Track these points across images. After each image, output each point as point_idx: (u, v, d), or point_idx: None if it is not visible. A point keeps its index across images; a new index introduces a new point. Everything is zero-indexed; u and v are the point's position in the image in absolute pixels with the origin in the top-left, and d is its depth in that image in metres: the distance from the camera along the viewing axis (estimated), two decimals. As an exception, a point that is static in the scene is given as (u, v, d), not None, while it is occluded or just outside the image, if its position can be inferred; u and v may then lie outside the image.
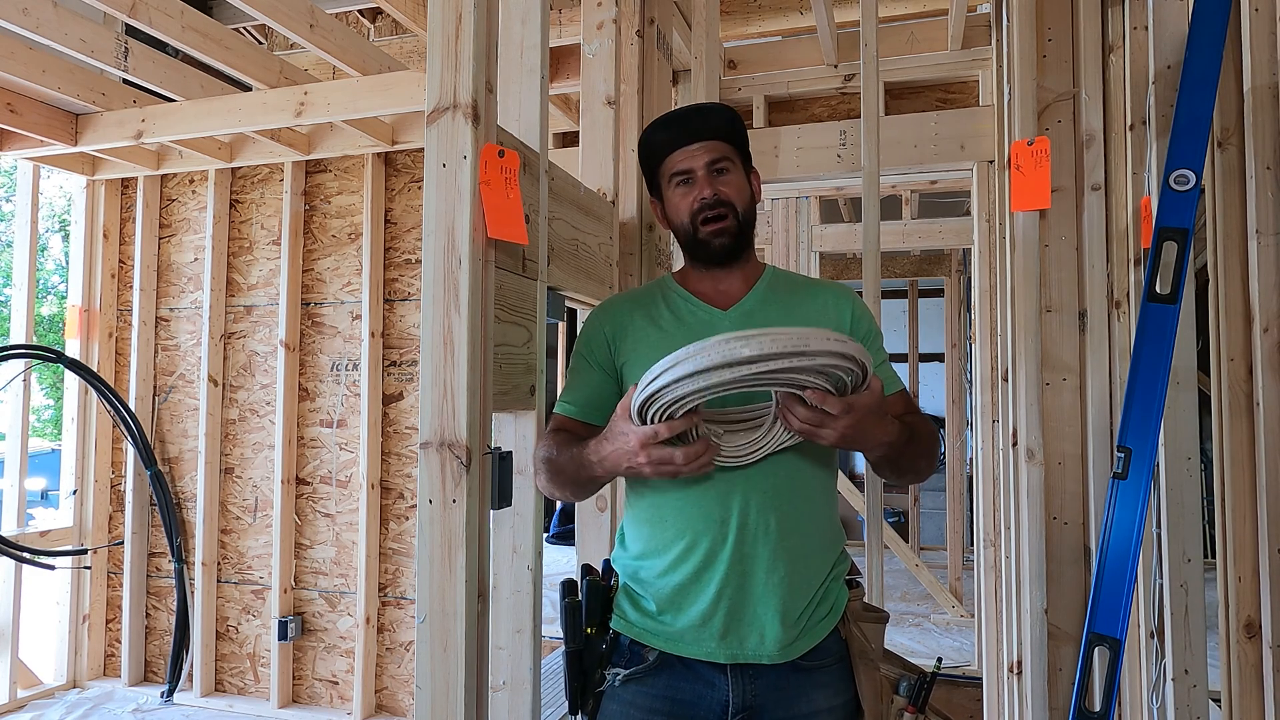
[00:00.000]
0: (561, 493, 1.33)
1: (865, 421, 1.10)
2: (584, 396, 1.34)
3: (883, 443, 1.16)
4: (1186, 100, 1.66)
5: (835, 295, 1.37)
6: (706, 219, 1.31)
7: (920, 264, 5.88)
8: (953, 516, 4.96)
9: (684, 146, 1.32)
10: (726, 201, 1.31)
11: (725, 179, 1.32)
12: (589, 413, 1.33)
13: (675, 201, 1.35)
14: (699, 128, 1.33)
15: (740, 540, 1.23)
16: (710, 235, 1.31)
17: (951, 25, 2.99)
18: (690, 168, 1.32)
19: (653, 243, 2.35)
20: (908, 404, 1.33)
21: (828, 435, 1.11)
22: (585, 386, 1.35)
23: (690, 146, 1.32)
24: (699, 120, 1.34)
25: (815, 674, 1.26)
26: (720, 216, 1.31)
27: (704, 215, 1.31)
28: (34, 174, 3.75)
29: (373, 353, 3.53)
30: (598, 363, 1.35)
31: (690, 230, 1.33)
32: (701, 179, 1.31)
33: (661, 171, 1.36)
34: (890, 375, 1.33)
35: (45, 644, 3.94)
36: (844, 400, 1.08)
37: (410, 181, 3.60)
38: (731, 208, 1.32)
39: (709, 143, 1.32)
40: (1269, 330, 1.53)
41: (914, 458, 1.25)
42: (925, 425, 1.29)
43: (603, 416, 1.26)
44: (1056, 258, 1.99)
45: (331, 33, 2.83)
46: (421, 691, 1.26)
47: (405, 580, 3.50)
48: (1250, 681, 1.55)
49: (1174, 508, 1.71)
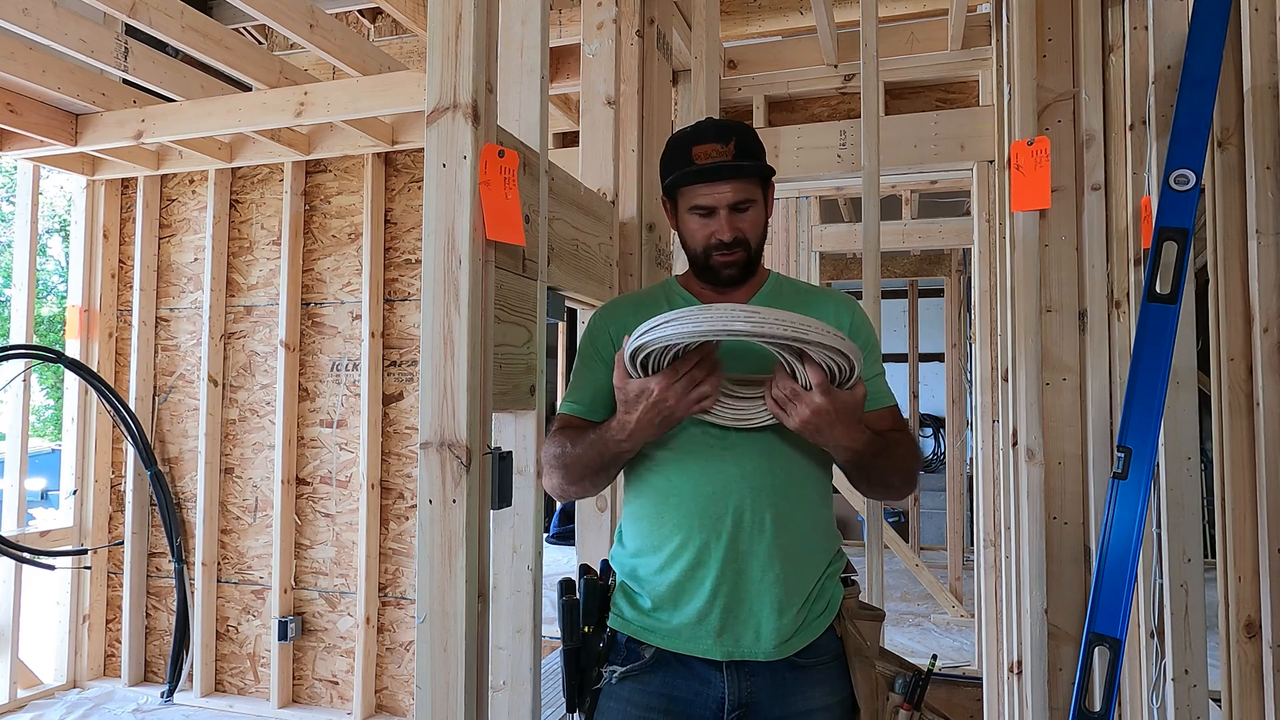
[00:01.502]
0: (578, 486, 1.31)
1: (833, 416, 1.13)
2: (590, 395, 1.34)
3: (847, 446, 1.17)
4: (1186, 100, 1.66)
5: (837, 303, 1.38)
6: (720, 253, 1.32)
7: (920, 264, 5.88)
8: (953, 516, 4.96)
9: (711, 183, 1.30)
10: (743, 240, 1.32)
11: (744, 217, 1.32)
12: (595, 410, 1.32)
13: (692, 228, 1.34)
14: (731, 172, 1.29)
15: (735, 537, 1.23)
16: (721, 265, 1.33)
17: (951, 25, 2.99)
18: (713, 205, 1.30)
19: (653, 243, 2.35)
20: (896, 421, 1.33)
21: (792, 416, 1.14)
22: (592, 384, 1.35)
23: (720, 185, 1.30)
24: (733, 169, 1.29)
25: (811, 671, 1.26)
26: (733, 254, 1.32)
27: (719, 251, 1.31)
28: (34, 174, 3.75)
29: (373, 353, 3.53)
30: (603, 360, 1.35)
31: (702, 258, 1.34)
32: (723, 218, 1.30)
33: (683, 192, 1.34)
34: (883, 390, 1.34)
35: (45, 644, 3.94)
36: (823, 386, 1.11)
37: (410, 181, 3.59)
38: (746, 244, 1.32)
39: (737, 184, 1.30)
40: (1269, 330, 1.53)
41: (885, 471, 1.25)
42: (908, 444, 1.29)
43: (609, 414, 1.26)
44: (1056, 258, 1.99)
45: (331, 33, 2.83)
46: (421, 691, 1.26)
47: (405, 580, 3.50)
48: (1250, 681, 1.55)
49: (1174, 508, 1.71)
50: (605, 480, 1.31)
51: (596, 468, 1.26)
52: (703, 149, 1.31)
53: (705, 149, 1.31)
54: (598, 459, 1.24)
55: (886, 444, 1.23)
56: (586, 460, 1.25)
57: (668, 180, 1.36)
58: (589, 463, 1.25)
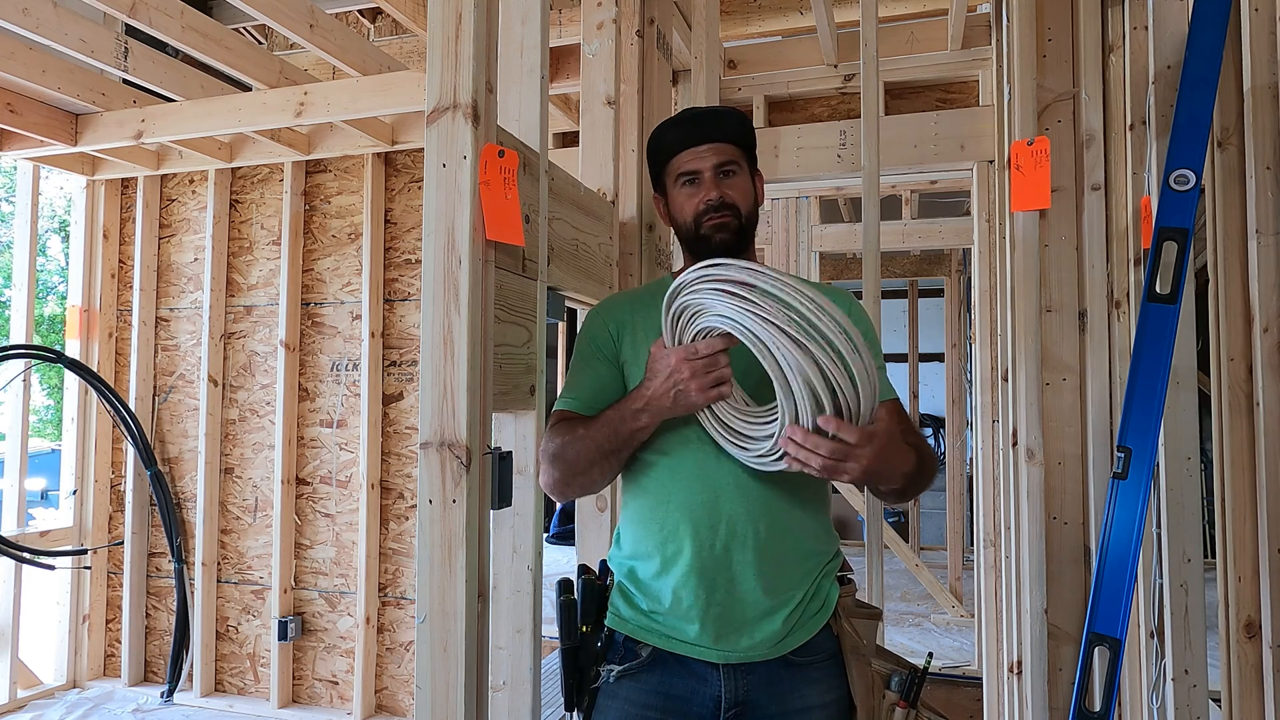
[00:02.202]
0: (582, 477, 1.27)
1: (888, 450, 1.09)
2: (590, 391, 1.33)
3: (903, 473, 1.16)
4: (1186, 100, 1.66)
5: (833, 298, 1.37)
6: (710, 218, 1.32)
7: (920, 264, 5.88)
8: (953, 516, 4.96)
9: (693, 147, 1.33)
10: (731, 204, 1.32)
11: (731, 182, 1.33)
12: (594, 408, 1.30)
13: (680, 201, 1.35)
14: (710, 130, 1.33)
15: (731, 537, 1.23)
16: (712, 229, 1.32)
17: (951, 25, 2.99)
18: (698, 169, 1.33)
19: (653, 243, 2.35)
20: (900, 416, 1.30)
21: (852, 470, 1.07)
22: (591, 380, 1.34)
23: (699, 148, 1.33)
24: (711, 122, 1.34)
25: (807, 670, 1.26)
26: (723, 216, 1.32)
27: (709, 216, 1.32)
28: (34, 174, 3.75)
29: (373, 353, 3.53)
30: (604, 356, 1.35)
31: (693, 228, 1.34)
32: (708, 180, 1.32)
33: (669, 169, 1.37)
34: (887, 384, 1.32)
35: (45, 644, 3.94)
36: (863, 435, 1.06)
37: (410, 181, 3.59)
38: (735, 210, 1.33)
39: (718, 144, 1.33)
40: (1269, 330, 1.53)
41: (921, 481, 1.24)
42: (923, 445, 1.27)
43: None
44: (1056, 258, 1.99)
45: (331, 33, 2.83)
46: (421, 691, 1.26)
47: (405, 580, 3.50)
48: (1250, 681, 1.55)
49: (1174, 508, 1.71)
50: (609, 470, 1.27)
51: (607, 451, 1.23)
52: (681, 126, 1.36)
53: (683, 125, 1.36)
54: (610, 439, 1.22)
55: (917, 453, 1.22)
56: (598, 441, 1.23)
57: (653, 162, 1.39)
58: (600, 444, 1.23)
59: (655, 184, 1.43)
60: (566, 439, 1.26)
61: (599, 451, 1.24)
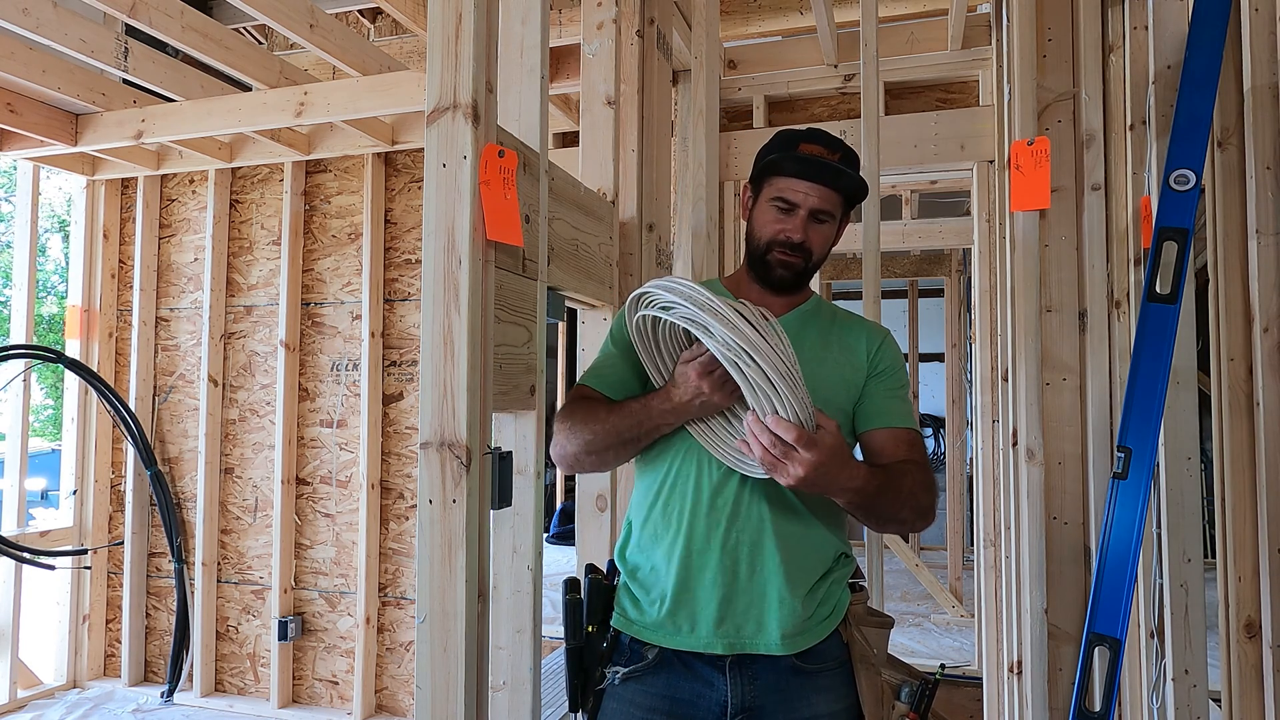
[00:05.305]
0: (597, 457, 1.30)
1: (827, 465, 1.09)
2: (615, 377, 1.36)
3: (848, 488, 1.14)
4: (1186, 100, 1.65)
5: (869, 331, 1.39)
6: (782, 251, 1.33)
7: (920, 264, 5.87)
8: (953, 516, 4.96)
9: (806, 180, 1.31)
10: (807, 250, 1.33)
11: (818, 229, 1.33)
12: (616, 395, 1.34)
13: (766, 217, 1.35)
14: (829, 179, 1.31)
15: (738, 538, 1.23)
16: (777, 263, 1.34)
17: (951, 25, 2.99)
18: (797, 203, 1.32)
19: (653, 243, 2.35)
20: (911, 448, 1.29)
21: (792, 472, 1.10)
22: (620, 370, 1.37)
23: (811, 184, 1.31)
24: (832, 175, 1.31)
25: (816, 677, 1.25)
26: (794, 257, 1.33)
27: (781, 250, 1.32)
28: (34, 174, 3.75)
29: (373, 353, 3.53)
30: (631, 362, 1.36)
31: (762, 250, 1.35)
32: (800, 220, 1.32)
33: (773, 180, 1.35)
34: (899, 411, 1.32)
35: (45, 644, 3.94)
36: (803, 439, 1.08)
37: (410, 181, 3.59)
38: (808, 255, 1.34)
39: (828, 191, 1.31)
40: (1269, 330, 1.53)
41: (891, 506, 1.21)
42: (917, 474, 1.24)
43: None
44: (1056, 258, 1.98)
45: (331, 33, 2.82)
46: (421, 691, 1.26)
47: (405, 580, 3.50)
48: (1250, 681, 1.55)
49: (1174, 508, 1.70)
50: (628, 454, 1.31)
51: (628, 439, 1.26)
52: (810, 147, 1.33)
53: (812, 148, 1.33)
54: (634, 429, 1.25)
55: (888, 477, 1.20)
56: (620, 427, 1.25)
57: (765, 160, 1.36)
58: (623, 431, 1.25)
59: (755, 175, 1.40)
60: (589, 417, 1.28)
61: (619, 437, 1.26)
